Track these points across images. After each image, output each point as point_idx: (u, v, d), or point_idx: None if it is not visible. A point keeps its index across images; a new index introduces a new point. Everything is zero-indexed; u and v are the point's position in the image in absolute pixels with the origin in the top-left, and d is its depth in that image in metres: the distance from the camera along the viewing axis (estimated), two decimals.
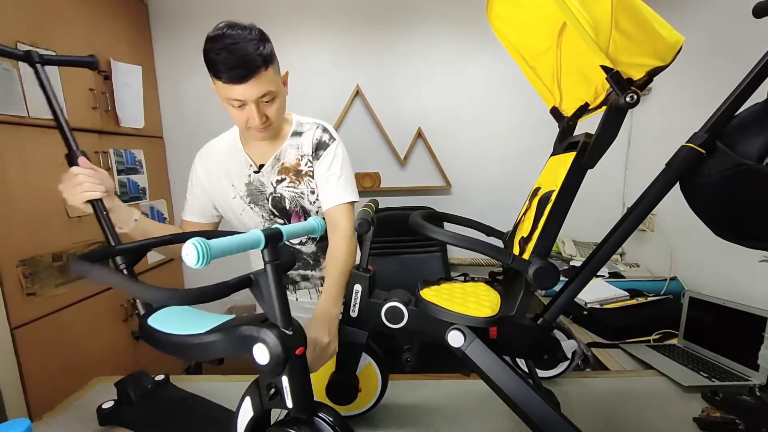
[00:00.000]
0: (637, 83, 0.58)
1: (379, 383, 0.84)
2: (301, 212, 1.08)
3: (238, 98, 0.88)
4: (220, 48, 0.85)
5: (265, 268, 0.57)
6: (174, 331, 0.64)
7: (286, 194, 1.05)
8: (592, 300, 1.57)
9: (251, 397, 0.64)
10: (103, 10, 1.83)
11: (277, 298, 0.58)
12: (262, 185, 1.06)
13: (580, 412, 0.88)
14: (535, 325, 0.76)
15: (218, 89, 0.90)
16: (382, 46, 2.22)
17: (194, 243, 0.46)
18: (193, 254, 0.46)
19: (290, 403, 0.59)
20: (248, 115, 0.91)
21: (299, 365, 0.59)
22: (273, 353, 0.56)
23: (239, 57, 0.85)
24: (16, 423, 0.72)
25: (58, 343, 1.49)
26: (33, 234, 1.42)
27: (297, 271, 1.16)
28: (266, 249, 0.56)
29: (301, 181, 1.05)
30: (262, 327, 0.57)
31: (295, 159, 1.05)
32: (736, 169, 0.57)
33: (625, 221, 0.68)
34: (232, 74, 0.85)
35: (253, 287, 0.59)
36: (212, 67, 0.87)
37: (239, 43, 0.85)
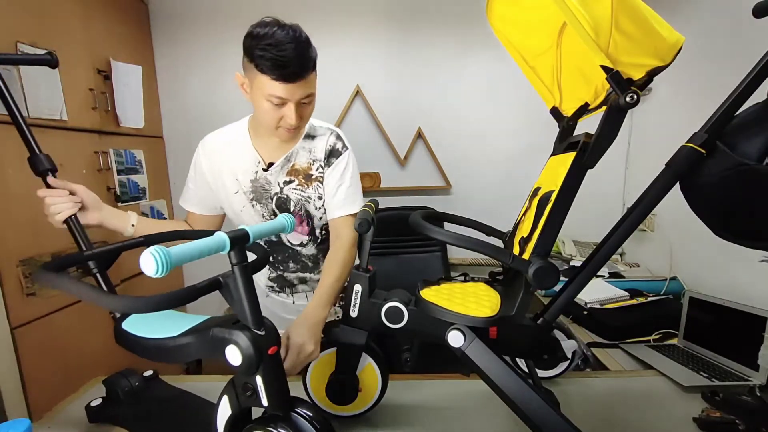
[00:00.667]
0: (637, 83, 0.58)
1: (379, 383, 0.84)
2: (304, 216, 1.08)
3: (282, 96, 0.88)
4: (271, 45, 0.84)
5: (233, 270, 0.57)
6: (148, 334, 0.64)
7: (292, 196, 1.05)
8: (592, 300, 1.57)
9: (228, 395, 0.64)
10: (103, 10, 1.83)
11: (246, 300, 0.58)
12: (269, 184, 1.05)
13: (580, 412, 0.88)
14: (535, 325, 0.76)
15: (258, 85, 0.88)
16: (382, 46, 2.22)
17: (152, 252, 0.44)
18: (152, 264, 0.44)
19: (266, 401, 0.60)
20: (284, 114, 0.91)
21: (272, 365, 0.60)
22: (245, 354, 0.56)
23: (294, 57, 0.85)
24: (16, 423, 0.72)
25: (58, 343, 1.49)
26: (33, 234, 1.42)
27: (295, 274, 1.15)
28: (232, 251, 0.56)
29: (310, 186, 1.05)
30: (233, 329, 0.57)
31: (306, 162, 1.04)
32: (736, 169, 0.57)
33: (625, 221, 0.68)
34: (285, 73, 0.85)
35: (222, 289, 0.58)
36: (261, 64, 0.85)
37: (293, 43, 0.85)
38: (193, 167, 1.09)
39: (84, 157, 1.69)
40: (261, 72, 0.86)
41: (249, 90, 0.93)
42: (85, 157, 1.70)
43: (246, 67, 0.90)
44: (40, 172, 0.90)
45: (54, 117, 1.52)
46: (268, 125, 0.94)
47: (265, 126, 0.96)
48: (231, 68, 2.28)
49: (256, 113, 0.97)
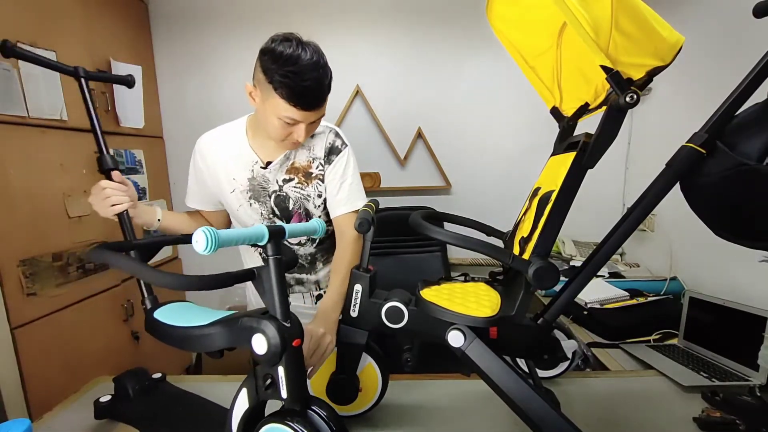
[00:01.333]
0: (637, 83, 0.58)
1: (380, 383, 0.84)
2: (303, 214, 1.08)
3: (296, 119, 0.89)
4: (294, 72, 0.83)
5: (268, 262, 0.61)
6: (178, 323, 0.67)
7: (291, 195, 1.05)
8: (592, 300, 1.57)
9: (248, 388, 0.66)
10: (103, 10, 1.83)
11: (277, 292, 0.61)
12: (267, 182, 1.04)
13: (580, 412, 0.88)
14: (535, 325, 0.76)
15: (273, 105, 0.87)
16: (382, 46, 2.22)
17: (204, 231, 0.50)
18: (203, 240, 0.50)
19: (285, 393, 0.61)
20: (294, 131, 0.92)
21: (295, 357, 0.62)
22: (271, 343, 0.59)
23: (315, 88, 0.87)
24: (16, 423, 0.72)
25: (58, 343, 1.49)
26: (33, 234, 1.42)
27: (292, 275, 1.15)
28: (269, 243, 0.60)
29: (310, 184, 1.05)
30: (262, 318, 0.60)
31: (306, 160, 1.04)
32: (736, 169, 0.57)
33: (626, 221, 0.68)
34: (303, 102, 0.86)
35: (255, 280, 0.62)
36: (280, 89, 0.84)
37: (315, 72, 0.85)
38: (192, 166, 1.10)
39: (84, 157, 1.69)
40: (279, 96, 0.86)
41: (259, 102, 0.92)
42: (85, 157, 1.70)
43: (260, 82, 0.88)
44: (105, 170, 0.98)
45: (54, 117, 1.52)
46: (275, 138, 0.95)
47: (272, 137, 0.96)
48: (231, 68, 2.29)
49: (262, 124, 0.97)
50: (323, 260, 1.15)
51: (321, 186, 1.05)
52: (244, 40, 2.19)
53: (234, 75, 2.22)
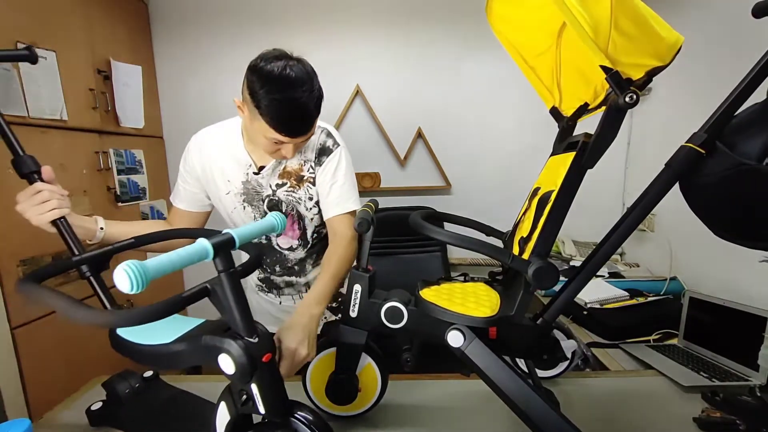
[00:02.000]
0: (637, 83, 0.58)
1: (379, 383, 0.84)
2: (296, 217, 1.07)
3: (284, 141, 0.88)
4: (280, 102, 0.82)
5: (220, 278, 0.55)
6: (142, 341, 0.62)
7: (284, 198, 1.04)
8: (592, 300, 1.57)
9: (225, 402, 0.63)
10: (102, 10, 1.83)
11: (236, 307, 0.56)
12: (260, 186, 1.04)
13: (580, 412, 0.88)
14: (534, 325, 0.76)
15: (259, 126, 0.86)
16: (382, 46, 2.22)
17: (125, 268, 0.41)
18: (126, 281, 0.41)
19: (262, 408, 0.59)
20: (282, 149, 0.91)
21: (268, 372, 0.59)
22: (238, 363, 0.54)
23: (300, 116, 0.85)
24: (16, 423, 0.72)
25: (58, 343, 1.49)
26: (33, 234, 1.40)
27: (282, 278, 1.14)
28: (217, 258, 0.53)
29: (301, 187, 1.04)
30: (225, 337, 0.55)
31: (297, 164, 1.03)
32: (735, 169, 0.57)
33: (625, 221, 0.68)
34: (289, 129, 0.85)
35: (211, 297, 0.56)
36: (266, 115, 0.83)
37: (301, 98, 0.83)
38: (183, 164, 1.06)
39: (84, 157, 1.70)
40: (266, 122, 0.84)
41: (246, 119, 0.91)
42: (85, 157, 1.70)
43: (247, 102, 0.87)
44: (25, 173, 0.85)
45: (54, 117, 1.52)
46: (265, 151, 0.95)
47: (263, 149, 0.95)
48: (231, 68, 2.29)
49: (250, 135, 0.96)
50: (313, 263, 1.14)
51: (312, 189, 1.04)
52: (244, 39, 2.19)
53: (234, 75, 2.21)
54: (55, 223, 0.82)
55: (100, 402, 0.86)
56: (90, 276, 0.76)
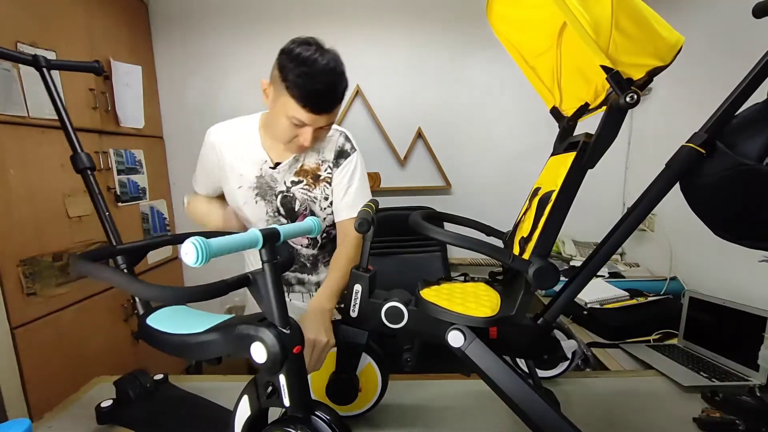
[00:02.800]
0: (637, 83, 0.58)
1: (379, 383, 0.84)
2: (309, 215, 1.08)
3: (304, 121, 0.89)
4: (307, 74, 0.84)
5: (263, 268, 0.58)
6: (173, 330, 0.65)
7: (298, 196, 1.05)
8: (592, 300, 1.57)
9: (249, 395, 0.64)
10: (103, 10, 1.83)
11: (274, 297, 0.58)
12: (274, 181, 1.04)
13: (580, 412, 0.88)
14: (535, 325, 0.76)
15: (283, 104, 0.88)
16: (382, 46, 2.22)
17: (193, 242, 0.46)
18: (192, 253, 0.46)
19: (287, 401, 0.59)
20: (301, 134, 0.91)
21: (296, 364, 0.60)
22: (270, 352, 0.56)
23: (328, 92, 0.88)
24: (16, 423, 0.72)
25: (58, 343, 1.49)
26: (33, 234, 1.42)
27: (294, 274, 1.15)
28: (264, 248, 0.57)
29: (317, 186, 1.05)
30: (260, 326, 0.58)
31: (315, 163, 1.04)
32: (736, 169, 0.57)
33: (626, 221, 0.68)
34: (313, 104, 0.86)
35: (251, 286, 0.59)
36: (292, 88, 0.85)
37: (329, 76, 0.87)
38: (202, 155, 1.09)
39: None
40: (291, 96, 0.86)
41: (271, 100, 0.93)
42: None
43: (274, 79, 0.89)
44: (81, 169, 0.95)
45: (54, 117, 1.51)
46: (281, 139, 0.95)
47: (277, 138, 0.97)
48: (231, 68, 2.29)
49: (271, 123, 0.97)
50: (325, 262, 1.15)
51: (328, 189, 1.05)
52: (244, 39, 2.19)
53: (234, 75, 2.22)
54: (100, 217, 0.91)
55: (110, 400, 0.86)
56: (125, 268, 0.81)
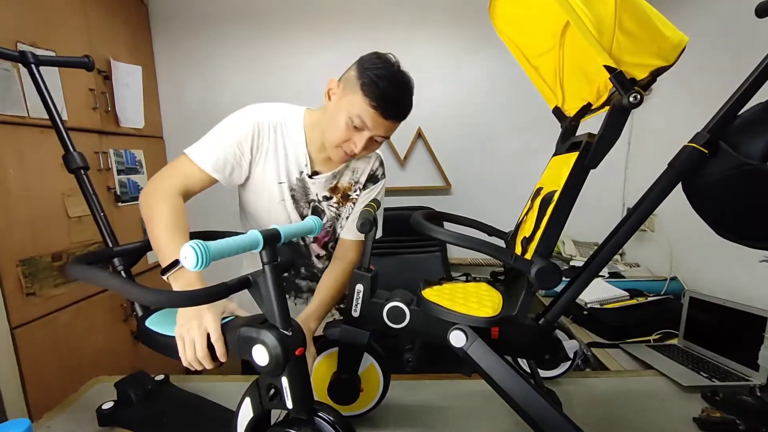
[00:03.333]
0: (641, 83, 0.58)
1: (381, 383, 0.84)
2: (331, 232, 1.08)
3: (366, 123, 0.87)
4: (389, 79, 0.86)
5: (264, 270, 0.57)
6: (172, 332, 0.65)
7: (327, 212, 1.04)
8: (592, 300, 1.57)
9: (251, 397, 0.64)
10: (102, 10, 1.82)
11: (276, 299, 0.58)
12: (308, 190, 1.01)
13: (581, 412, 0.88)
14: (536, 326, 0.76)
15: (351, 101, 0.86)
16: (382, 45, 2.21)
17: (192, 246, 0.45)
18: (192, 257, 0.45)
19: (290, 403, 0.59)
20: (354, 139, 0.89)
21: (299, 366, 0.59)
22: (272, 354, 0.56)
23: (401, 102, 0.90)
24: (16, 423, 0.71)
25: (58, 342, 1.49)
26: (33, 234, 1.42)
27: (306, 282, 1.12)
28: (264, 250, 0.56)
29: (345, 205, 1.06)
30: (261, 328, 0.57)
31: (348, 182, 1.05)
32: (739, 169, 0.57)
33: (628, 221, 0.68)
34: (383, 106, 0.86)
35: (252, 288, 0.59)
36: (369, 87, 0.85)
37: (407, 89, 0.91)
38: (238, 131, 0.93)
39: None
40: (363, 93, 0.85)
41: (335, 100, 0.91)
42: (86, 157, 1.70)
43: (348, 78, 0.89)
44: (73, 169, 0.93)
45: None
46: (331, 141, 0.91)
47: (327, 139, 0.93)
48: (230, 68, 2.28)
49: (325, 122, 0.93)
50: None
51: (352, 209, 1.07)
52: (244, 40, 2.19)
53: (234, 75, 2.22)
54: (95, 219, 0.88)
55: (111, 402, 0.85)
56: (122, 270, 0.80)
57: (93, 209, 0.90)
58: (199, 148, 0.92)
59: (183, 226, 0.82)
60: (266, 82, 2.22)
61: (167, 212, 0.81)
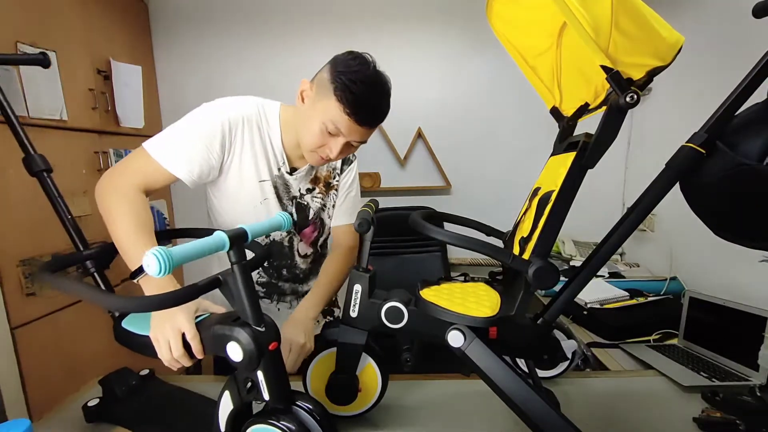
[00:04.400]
0: (637, 83, 0.58)
1: (379, 383, 0.84)
2: (318, 225, 1.07)
3: (342, 131, 0.85)
4: (363, 83, 0.81)
5: (233, 269, 0.58)
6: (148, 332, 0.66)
7: (312, 204, 1.03)
8: (592, 300, 1.57)
9: (230, 391, 0.65)
10: (102, 10, 1.83)
11: (246, 297, 0.59)
12: (288, 187, 1.00)
13: (580, 412, 0.88)
14: (535, 325, 0.76)
15: (325, 107, 0.83)
16: (382, 46, 2.22)
17: (155, 253, 0.44)
18: (155, 265, 0.45)
19: (267, 395, 0.61)
20: (329, 144, 0.87)
21: (273, 359, 0.61)
22: (246, 350, 0.58)
23: (378, 109, 0.86)
24: (16, 423, 0.72)
25: (57, 342, 1.49)
26: (33, 234, 1.42)
27: (287, 283, 1.10)
28: (232, 250, 0.57)
29: (328, 194, 1.05)
30: (234, 326, 0.59)
31: (327, 170, 1.05)
32: (736, 169, 0.57)
33: (626, 221, 0.68)
34: (358, 113, 0.82)
35: (222, 287, 0.60)
36: (342, 93, 0.81)
37: (382, 95, 0.86)
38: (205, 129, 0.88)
39: (84, 157, 1.69)
40: (336, 99, 0.82)
41: (308, 103, 0.88)
42: (85, 157, 1.70)
43: (321, 81, 0.85)
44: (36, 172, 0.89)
45: (54, 117, 1.52)
46: (306, 145, 0.90)
47: (302, 143, 0.91)
48: (230, 68, 2.29)
49: (298, 128, 0.91)
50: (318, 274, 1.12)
51: (335, 196, 1.06)
52: (244, 39, 2.19)
53: (234, 75, 2.22)
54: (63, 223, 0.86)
55: (96, 399, 0.86)
56: (94, 272, 0.80)
57: (59, 212, 0.88)
58: (161, 143, 0.87)
59: (146, 225, 0.78)
60: (267, 82, 2.22)
61: (128, 213, 0.77)
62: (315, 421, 0.62)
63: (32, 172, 0.90)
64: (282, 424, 0.59)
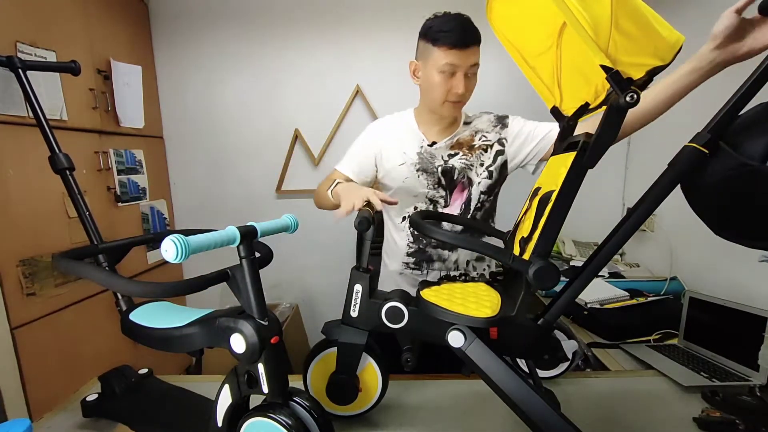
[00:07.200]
0: (637, 83, 0.58)
1: (380, 383, 0.84)
2: (466, 183, 1.14)
3: (453, 63, 1.00)
4: (443, 21, 1.01)
5: (241, 263, 0.61)
6: (155, 325, 0.68)
7: (457, 165, 1.13)
8: (592, 300, 1.57)
9: (230, 384, 0.67)
10: (103, 10, 1.83)
11: (252, 292, 0.61)
12: (433, 158, 1.14)
13: (580, 412, 0.88)
14: (535, 326, 0.76)
15: (433, 59, 1.02)
16: (382, 46, 2.22)
17: (173, 239, 0.49)
18: (172, 249, 0.49)
19: (266, 388, 0.62)
20: (453, 84, 1.03)
21: (274, 353, 0.63)
22: (249, 342, 0.60)
23: (461, 29, 1.00)
24: (16, 423, 0.72)
25: (58, 343, 1.49)
26: (33, 234, 1.42)
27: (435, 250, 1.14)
28: (241, 245, 0.60)
29: (473, 154, 1.15)
30: (239, 318, 0.61)
31: (469, 135, 1.16)
32: (739, 170, 0.57)
33: (627, 221, 0.68)
34: (457, 39, 0.98)
35: (229, 281, 0.62)
36: (434, 36, 1.00)
37: (458, 19, 1.01)
38: (363, 139, 1.22)
39: (84, 157, 1.69)
40: (434, 44, 1.00)
41: (421, 72, 1.08)
42: (86, 157, 1.70)
43: (421, 50, 1.07)
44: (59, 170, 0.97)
45: (54, 117, 1.52)
46: (436, 99, 1.06)
47: (434, 101, 1.07)
48: (231, 68, 2.28)
49: (425, 92, 1.10)
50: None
51: (483, 155, 1.15)
52: (244, 39, 2.19)
53: (234, 75, 2.22)
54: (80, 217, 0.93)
55: (95, 394, 0.87)
56: (107, 266, 0.83)
57: (79, 209, 0.93)
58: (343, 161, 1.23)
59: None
60: (267, 82, 2.22)
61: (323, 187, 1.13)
62: (312, 418, 0.63)
63: (56, 170, 0.97)
64: (279, 418, 0.60)
